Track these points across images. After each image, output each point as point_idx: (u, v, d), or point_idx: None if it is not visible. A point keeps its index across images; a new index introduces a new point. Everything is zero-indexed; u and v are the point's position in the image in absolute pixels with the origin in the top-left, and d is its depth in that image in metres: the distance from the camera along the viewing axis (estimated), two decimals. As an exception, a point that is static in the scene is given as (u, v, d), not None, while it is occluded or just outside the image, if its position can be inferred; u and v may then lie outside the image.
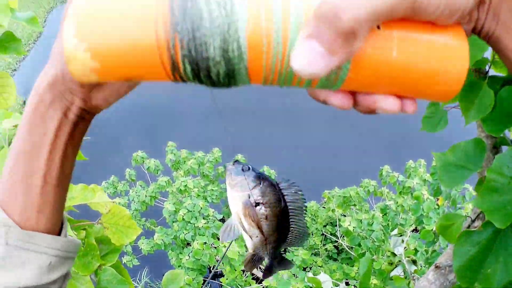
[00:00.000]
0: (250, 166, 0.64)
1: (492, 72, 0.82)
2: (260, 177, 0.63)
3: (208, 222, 3.53)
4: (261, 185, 0.63)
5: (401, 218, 3.34)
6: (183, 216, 3.47)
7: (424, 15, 0.28)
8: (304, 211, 0.66)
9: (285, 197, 0.64)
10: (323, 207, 4.50)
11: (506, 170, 0.65)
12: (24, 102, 6.59)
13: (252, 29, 0.27)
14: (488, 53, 0.76)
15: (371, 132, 6.23)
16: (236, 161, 0.65)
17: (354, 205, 3.86)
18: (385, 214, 3.36)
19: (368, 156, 5.93)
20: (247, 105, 6.49)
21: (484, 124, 0.74)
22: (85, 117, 0.43)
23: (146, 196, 4.02)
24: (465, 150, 0.80)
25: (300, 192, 0.65)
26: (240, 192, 0.63)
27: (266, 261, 0.71)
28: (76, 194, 0.97)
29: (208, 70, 0.28)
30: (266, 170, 4.23)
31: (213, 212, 3.68)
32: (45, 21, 11.90)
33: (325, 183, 4.66)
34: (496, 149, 0.87)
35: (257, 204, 0.63)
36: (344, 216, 3.85)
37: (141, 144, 5.10)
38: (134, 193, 4.14)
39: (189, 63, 0.28)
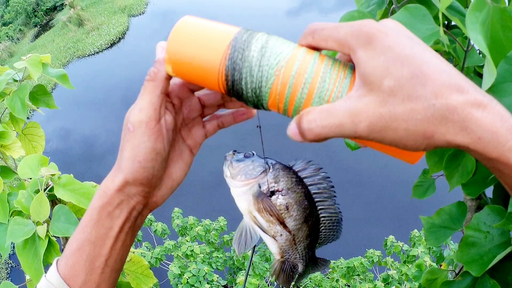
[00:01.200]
0: (253, 152, 0.55)
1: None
2: (268, 161, 0.53)
3: (212, 287, 3.54)
4: (271, 169, 0.52)
5: (405, 286, 3.34)
6: (187, 279, 3.49)
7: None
8: (333, 193, 0.53)
9: (305, 179, 0.53)
10: (328, 278, 4.48)
11: (483, 226, 0.75)
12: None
13: (272, 97, 0.40)
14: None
15: (376, 202, 6.27)
16: (235, 150, 0.57)
17: (358, 275, 3.86)
18: (387, 283, 3.36)
19: (373, 226, 5.93)
20: None
21: (464, 188, 0.85)
22: (144, 213, 0.50)
23: (151, 257, 4.05)
24: (449, 213, 0.91)
25: (321, 170, 0.53)
26: (245, 182, 0.52)
27: (300, 267, 0.57)
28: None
29: (242, 96, 0.42)
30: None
31: (217, 277, 3.68)
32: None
33: (331, 253, 4.66)
34: (480, 209, 0.97)
35: (272, 193, 0.51)
36: (348, 286, 3.83)
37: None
38: (139, 253, 4.14)
39: (232, 88, 0.41)
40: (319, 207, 0.53)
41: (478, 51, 0.87)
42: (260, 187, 0.50)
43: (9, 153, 1.43)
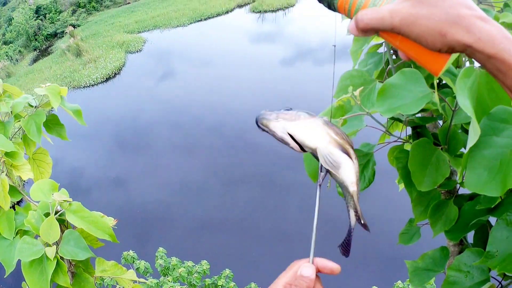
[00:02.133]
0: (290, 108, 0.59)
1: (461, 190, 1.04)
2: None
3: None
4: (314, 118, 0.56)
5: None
6: (169, 318, 3.47)
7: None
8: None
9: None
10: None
11: (463, 267, 0.84)
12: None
13: (341, 1, 0.54)
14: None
15: (359, 255, 6.28)
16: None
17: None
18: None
19: (356, 278, 5.93)
20: (237, 221, 6.60)
21: (447, 234, 0.95)
22: None
23: (134, 294, 4.03)
24: (432, 257, 1.00)
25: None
26: (309, 117, 0.56)
27: (351, 218, 0.60)
28: (108, 268, 1.13)
29: None
30: (254, 287, 4.28)
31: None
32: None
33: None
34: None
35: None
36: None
37: (132, 245, 5.14)
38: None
39: None
40: None
41: (465, 110, 0.99)
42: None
43: (18, 173, 1.45)
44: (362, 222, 0.60)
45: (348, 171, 0.54)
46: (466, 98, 0.66)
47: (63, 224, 1.26)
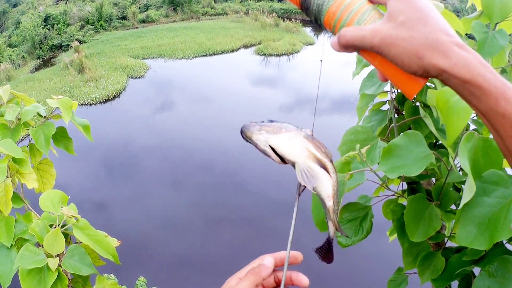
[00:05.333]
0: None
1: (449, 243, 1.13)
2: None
3: None
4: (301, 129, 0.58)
5: None
6: None
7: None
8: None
9: None
10: None
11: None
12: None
13: (328, 14, 0.56)
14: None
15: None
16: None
17: None
18: None
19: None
20: (216, 261, 6.55)
21: (433, 282, 1.02)
22: None
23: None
24: (419, 304, 1.06)
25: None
26: (291, 131, 0.57)
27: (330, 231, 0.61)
28: (107, 286, 1.17)
29: (308, 9, 0.58)
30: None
31: None
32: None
33: None
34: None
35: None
36: None
37: (110, 271, 5.07)
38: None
39: (304, 1, 0.57)
40: None
41: (458, 170, 1.09)
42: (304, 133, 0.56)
43: (23, 181, 1.45)
44: (338, 231, 0.61)
45: (325, 185, 0.56)
46: (465, 159, 0.75)
47: (66, 238, 1.25)
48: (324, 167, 0.56)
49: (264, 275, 0.60)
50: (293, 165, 0.57)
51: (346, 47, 0.54)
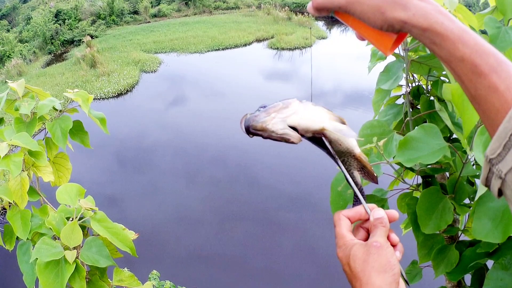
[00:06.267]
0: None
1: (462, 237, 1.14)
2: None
3: None
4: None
5: None
6: None
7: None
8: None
9: None
10: None
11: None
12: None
13: None
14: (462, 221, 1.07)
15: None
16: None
17: None
18: None
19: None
20: (229, 256, 6.56)
21: (447, 275, 1.02)
22: None
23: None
24: (433, 298, 1.07)
25: None
26: (300, 104, 0.60)
27: (357, 177, 0.63)
28: (125, 279, 1.19)
29: None
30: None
31: None
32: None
33: None
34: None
35: None
36: None
37: (123, 264, 5.13)
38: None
39: None
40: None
41: (472, 164, 1.08)
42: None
43: (39, 174, 1.47)
44: (370, 175, 0.63)
45: (351, 138, 0.59)
46: (480, 152, 0.75)
47: (83, 231, 1.27)
48: (343, 122, 0.59)
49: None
50: (315, 134, 0.58)
51: (319, 9, 0.56)
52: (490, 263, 0.97)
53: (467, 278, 1.14)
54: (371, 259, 0.53)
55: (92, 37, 20.02)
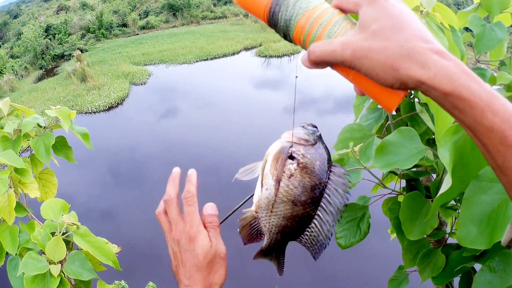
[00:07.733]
0: (316, 127, 0.59)
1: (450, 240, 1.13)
2: (318, 141, 0.57)
3: None
4: (312, 147, 0.56)
5: None
6: None
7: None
8: (339, 215, 0.54)
9: (328, 182, 0.55)
10: None
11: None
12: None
13: (296, 29, 0.52)
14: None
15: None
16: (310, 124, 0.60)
17: None
18: None
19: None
20: (236, 262, 6.52)
21: (434, 279, 1.01)
22: None
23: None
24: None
25: (348, 188, 0.55)
26: (287, 139, 0.57)
27: (265, 241, 0.61)
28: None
29: (276, 25, 0.55)
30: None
31: None
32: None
33: None
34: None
35: (292, 157, 0.55)
36: None
37: (119, 277, 5.09)
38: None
39: (272, 18, 0.54)
40: (316, 216, 0.55)
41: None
42: (291, 147, 0.56)
43: (25, 191, 1.49)
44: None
45: (255, 193, 0.62)
46: (446, 151, 0.74)
47: (67, 245, 1.30)
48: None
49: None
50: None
51: (316, 63, 0.50)
52: (478, 266, 0.96)
53: (456, 281, 1.13)
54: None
55: (82, 51, 20.01)
